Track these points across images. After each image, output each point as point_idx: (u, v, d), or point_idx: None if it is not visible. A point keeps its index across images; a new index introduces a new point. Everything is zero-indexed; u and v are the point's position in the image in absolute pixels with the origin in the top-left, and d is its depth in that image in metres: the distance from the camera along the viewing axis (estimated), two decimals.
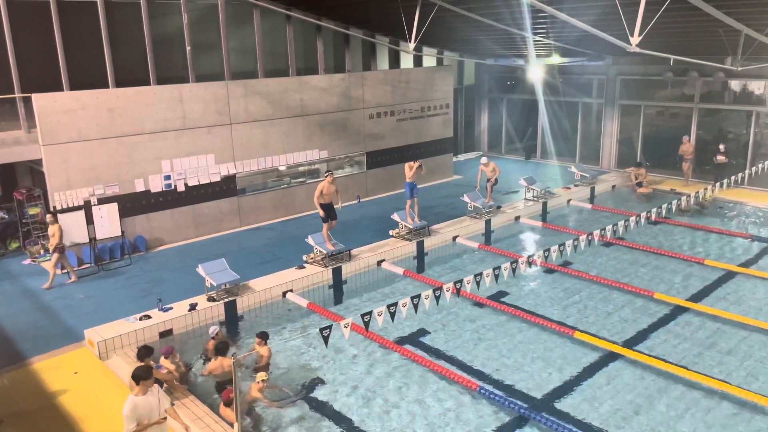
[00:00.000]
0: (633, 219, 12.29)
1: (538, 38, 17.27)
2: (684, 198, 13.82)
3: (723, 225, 15.82)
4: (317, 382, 9.13)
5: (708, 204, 16.96)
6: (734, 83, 19.18)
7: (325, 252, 12.84)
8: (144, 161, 14.37)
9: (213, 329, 9.62)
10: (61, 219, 13.20)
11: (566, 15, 9.84)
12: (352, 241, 13.90)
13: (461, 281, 9.25)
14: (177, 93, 14.72)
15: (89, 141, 13.54)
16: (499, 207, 16.61)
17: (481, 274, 9.57)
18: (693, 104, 19.80)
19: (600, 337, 10.17)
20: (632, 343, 10.04)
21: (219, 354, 8.89)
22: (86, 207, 13.66)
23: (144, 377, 6.56)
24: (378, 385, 9.02)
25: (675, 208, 13.38)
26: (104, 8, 14.26)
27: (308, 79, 17.25)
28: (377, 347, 10.06)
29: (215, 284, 11.22)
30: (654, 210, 12.75)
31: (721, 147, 18.40)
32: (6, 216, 14.35)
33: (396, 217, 14.63)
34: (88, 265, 13.58)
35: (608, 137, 21.93)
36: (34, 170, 14.48)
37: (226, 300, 11.25)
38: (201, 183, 15.39)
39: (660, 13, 9.97)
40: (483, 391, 8.66)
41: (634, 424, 8.05)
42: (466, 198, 16.00)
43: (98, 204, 13.81)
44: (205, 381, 9.19)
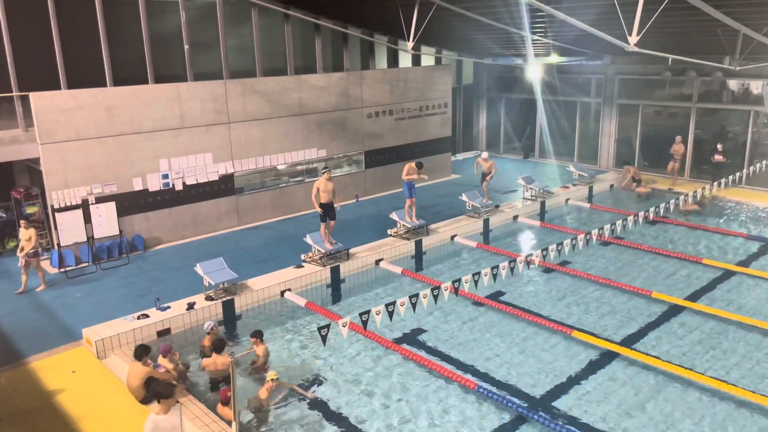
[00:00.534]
0: (631, 218, 12.31)
1: (537, 37, 17.27)
2: (682, 197, 13.84)
3: (721, 224, 15.85)
4: (316, 381, 9.13)
5: (707, 203, 16.99)
6: (732, 83, 19.21)
7: (324, 251, 12.83)
8: (142, 160, 14.35)
9: (208, 324, 9.66)
10: (59, 218, 13.20)
11: (564, 14, 9.85)
12: (351, 240, 13.89)
13: (459, 280, 9.26)
14: (175, 92, 14.70)
15: (87, 140, 13.52)
16: (498, 206, 16.62)
17: (480, 274, 9.58)
18: (691, 104, 19.82)
19: (598, 336, 10.18)
20: (630, 342, 10.05)
21: (215, 351, 8.92)
22: (84, 206, 13.63)
23: (166, 395, 6.35)
24: (376, 384, 9.02)
25: (673, 207, 13.39)
26: (102, 6, 14.22)
27: (306, 78, 17.23)
28: (375, 346, 10.06)
29: (213, 283, 11.21)
30: (652, 209, 12.77)
31: (719, 146, 18.43)
32: (4, 215, 14.33)
33: (394, 217, 14.63)
34: (86, 264, 13.56)
35: (606, 137, 21.95)
36: (32, 169, 14.45)
37: (224, 299, 11.24)
38: (199, 182, 15.37)
39: (658, 13, 9.98)
40: (482, 390, 8.66)
41: (632, 423, 8.06)
42: (465, 197, 16.01)
43: (96, 203, 13.79)
44: (203, 380, 9.19)
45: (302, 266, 12.75)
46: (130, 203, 14.31)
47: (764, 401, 8.33)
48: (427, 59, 21.62)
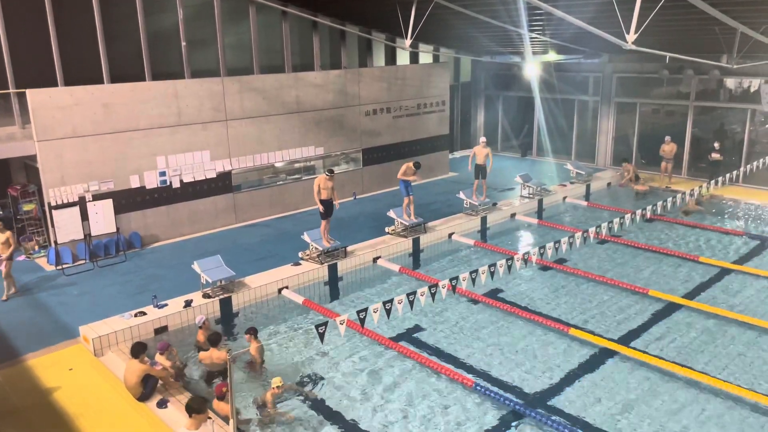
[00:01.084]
0: (628, 216, 12.33)
1: (535, 35, 17.27)
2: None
3: (718, 222, 15.88)
4: (313, 380, 9.13)
5: (705, 201, 17.01)
6: (729, 81, 19.23)
7: (321, 249, 12.83)
8: (139, 157, 14.32)
9: (199, 318, 9.74)
10: (56, 215, 13.17)
11: (562, 12, 9.85)
12: (348, 238, 13.90)
13: (457, 278, 9.27)
14: (172, 89, 14.66)
15: (84, 137, 13.48)
16: (495, 204, 16.63)
17: (477, 271, 9.59)
18: (688, 102, 19.84)
19: (595, 334, 10.20)
20: (627, 340, 10.07)
21: (211, 344, 8.98)
22: (81, 203, 13.60)
23: (198, 410, 6.17)
24: (373, 382, 9.02)
25: (670, 206, 13.41)
26: (99, 3, 14.17)
27: (304, 76, 17.21)
28: (373, 344, 10.06)
29: (210, 281, 11.20)
30: (649, 207, 12.79)
31: (716, 145, 18.46)
32: (0, 212, 14.28)
33: (392, 214, 14.63)
34: (83, 262, 13.54)
35: (604, 135, 21.97)
36: (29, 166, 14.41)
37: (222, 297, 11.23)
38: (196, 179, 15.35)
39: (656, 11, 10.00)
40: (479, 388, 8.67)
41: (629, 421, 8.08)
42: (462, 195, 16.01)
43: (93, 200, 13.76)
44: (200, 379, 9.20)
45: (300, 264, 12.75)
46: (128, 201, 14.29)
47: (761, 399, 8.35)
48: (425, 57, 21.60)
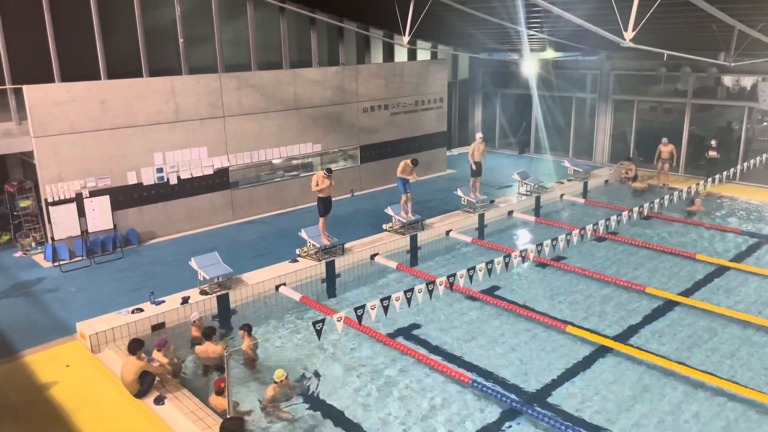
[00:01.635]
0: (625, 214, 12.34)
1: (532, 32, 17.26)
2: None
3: (715, 220, 15.91)
4: (310, 377, 9.13)
5: (702, 199, 17.02)
6: (727, 79, 19.25)
7: (319, 245, 12.82)
8: (136, 154, 14.29)
9: (193, 315, 9.86)
10: (53, 211, 13.13)
11: (560, 9, 9.84)
12: (346, 235, 13.89)
13: (454, 275, 9.26)
14: (170, 85, 14.62)
15: (81, 133, 13.44)
16: (493, 201, 16.63)
17: (474, 268, 9.59)
18: (686, 100, 19.86)
19: (592, 331, 10.22)
20: (624, 337, 10.09)
21: (206, 339, 9.06)
22: (78, 199, 13.56)
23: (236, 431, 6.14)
24: (370, 379, 9.03)
25: (667, 204, 13.43)
26: None
27: (302, 72, 17.18)
28: (370, 341, 10.07)
29: (208, 277, 11.19)
30: (646, 205, 12.80)
31: (713, 143, 18.49)
32: None
33: (389, 211, 14.63)
34: (80, 258, 13.51)
35: (601, 132, 21.99)
36: (26, 162, 14.37)
37: (219, 293, 11.22)
38: (194, 176, 15.32)
39: (654, 9, 9.99)
40: (476, 384, 8.69)
41: (626, 418, 8.10)
42: (460, 192, 16.01)
43: (90, 197, 13.73)
44: (197, 376, 9.19)
45: (297, 261, 12.74)
46: (125, 197, 14.26)
47: (758, 396, 8.38)
48: (423, 54, 21.58)
